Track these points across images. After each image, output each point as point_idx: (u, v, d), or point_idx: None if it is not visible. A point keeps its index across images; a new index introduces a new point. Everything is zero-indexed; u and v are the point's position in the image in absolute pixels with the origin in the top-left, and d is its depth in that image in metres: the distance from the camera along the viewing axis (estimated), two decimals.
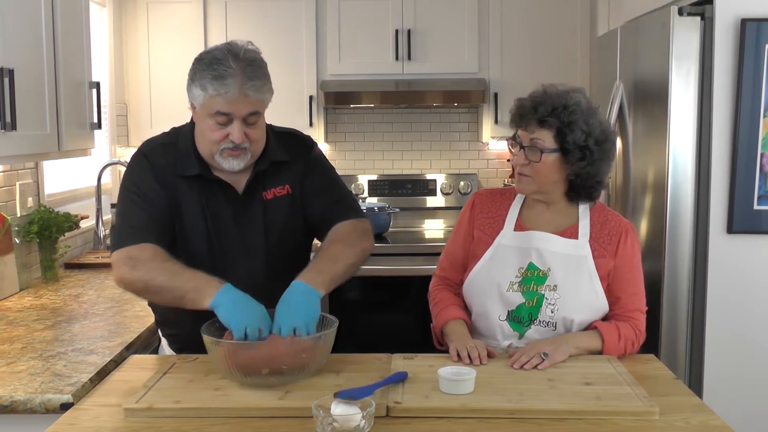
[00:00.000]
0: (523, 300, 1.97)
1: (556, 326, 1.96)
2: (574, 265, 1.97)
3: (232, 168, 1.93)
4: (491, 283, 2.00)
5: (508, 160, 2.12)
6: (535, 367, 1.81)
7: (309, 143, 2.14)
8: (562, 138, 1.92)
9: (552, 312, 1.95)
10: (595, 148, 1.93)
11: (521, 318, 1.97)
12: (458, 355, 1.86)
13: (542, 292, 1.96)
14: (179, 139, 2.01)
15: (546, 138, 1.93)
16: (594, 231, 2.00)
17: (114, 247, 1.92)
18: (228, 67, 1.83)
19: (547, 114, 1.92)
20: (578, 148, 1.92)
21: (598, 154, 1.94)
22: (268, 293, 1.78)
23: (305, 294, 1.78)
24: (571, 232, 2.00)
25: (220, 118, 1.87)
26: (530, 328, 1.97)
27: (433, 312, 2.09)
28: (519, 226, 2.03)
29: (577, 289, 1.96)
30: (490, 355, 1.87)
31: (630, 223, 2.07)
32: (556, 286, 1.95)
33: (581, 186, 1.98)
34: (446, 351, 1.94)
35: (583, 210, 2.03)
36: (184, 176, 1.96)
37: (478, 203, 2.12)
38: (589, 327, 1.98)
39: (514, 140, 2.00)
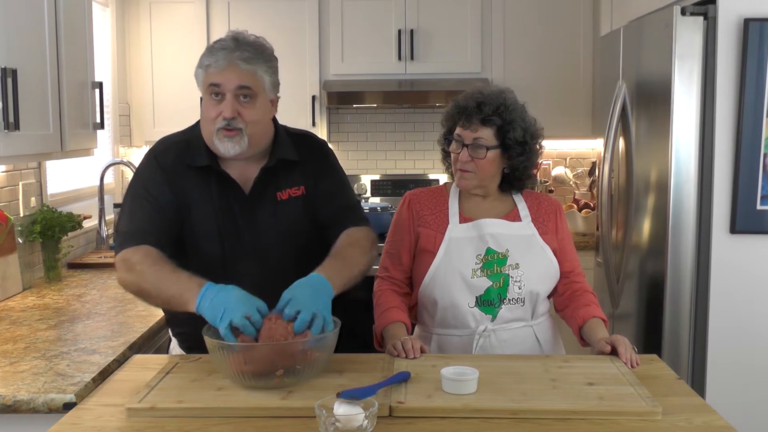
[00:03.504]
0: (490, 283, 2.04)
1: (524, 302, 2.06)
2: (527, 243, 2.09)
3: (228, 152, 1.92)
4: (453, 274, 2.05)
5: (446, 158, 2.17)
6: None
7: (324, 147, 2.15)
8: (503, 135, 2.04)
9: (519, 288, 2.05)
10: (532, 143, 2.08)
11: (491, 300, 2.05)
12: (395, 349, 1.92)
13: (506, 272, 2.05)
14: (192, 135, 2.02)
15: (488, 135, 2.04)
16: (532, 212, 2.14)
17: (116, 249, 1.94)
18: (224, 42, 1.91)
19: (491, 113, 2.03)
20: (518, 144, 2.05)
21: (533, 148, 2.08)
22: (278, 294, 1.77)
23: (324, 286, 1.77)
24: (513, 217, 2.13)
25: (213, 89, 1.90)
26: (501, 308, 2.05)
27: (376, 314, 2.12)
28: (463, 218, 2.11)
29: (536, 263, 2.08)
30: (422, 351, 1.93)
31: (557, 201, 2.24)
32: (517, 264, 2.05)
33: (517, 179, 2.12)
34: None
35: (516, 196, 2.17)
36: (194, 170, 1.96)
37: (414, 201, 2.18)
38: (587, 319, 2.05)
39: (450, 138, 2.10)
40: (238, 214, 1.99)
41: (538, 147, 2.10)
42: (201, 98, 1.97)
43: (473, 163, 2.04)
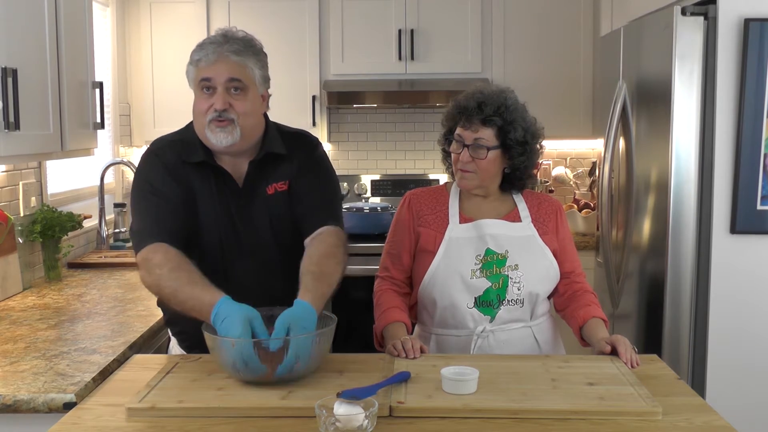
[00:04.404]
0: (490, 284, 2.04)
1: (523, 303, 2.06)
2: (526, 244, 2.08)
3: (220, 143, 1.92)
4: (453, 275, 2.05)
5: (446, 159, 2.17)
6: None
7: (313, 143, 2.13)
8: (504, 135, 2.04)
9: (519, 290, 2.05)
10: (532, 143, 2.08)
11: (490, 301, 2.04)
12: (395, 349, 1.91)
13: (506, 273, 2.05)
14: (186, 134, 2.03)
15: (488, 136, 2.03)
16: (533, 213, 2.14)
17: (135, 249, 1.94)
18: (213, 38, 1.94)
19: (492, 113, 2.02)
20: (519, 144, 2.04)
21: (533, 148, 2.08)
22: (271, 290, 1.77)
23: (312, 317, 1.73)
24: (513, 217, 2.12)
25: (204, 84, 1.91)
26: (500, 309, 2.05)
27: (376, 314, 2.12)
28: (463, 219, 2.11)
29: (535, 265, 2.07)
30: (422, 351, 1.92)
31: (558, 201, 2.24)
32: (517, 265, 2.05)
33: (517, 178, 2.11)
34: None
35: (517, 196, 2.16)
36: (192, 166, 1.97)
37: (414, 201, 2.17)
38: (587, 319, 2.05)
39: (451, 138, 2.09)
40: (234, 208, 2.00)
41: (538, 147, 2.10)
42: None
43: (474, 163, 2.04)
